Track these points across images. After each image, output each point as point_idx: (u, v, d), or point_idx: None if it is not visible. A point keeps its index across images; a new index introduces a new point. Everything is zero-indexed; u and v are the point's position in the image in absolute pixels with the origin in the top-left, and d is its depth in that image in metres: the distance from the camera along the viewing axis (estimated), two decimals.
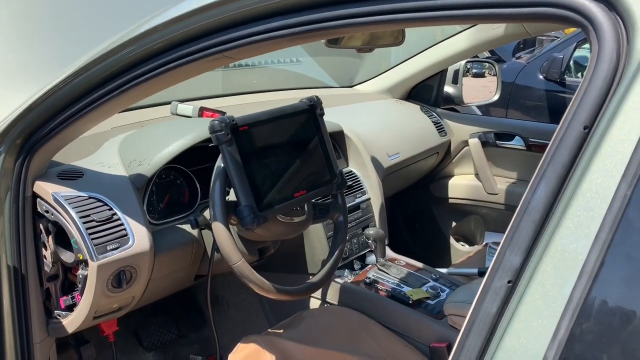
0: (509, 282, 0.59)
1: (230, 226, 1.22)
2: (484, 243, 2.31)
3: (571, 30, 4.71)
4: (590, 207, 0.51)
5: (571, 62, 4.52)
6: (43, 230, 1.30)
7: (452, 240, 2.57)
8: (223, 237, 1.18)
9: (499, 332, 0.59)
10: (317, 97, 1.38)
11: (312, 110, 1.35)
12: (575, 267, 0.50)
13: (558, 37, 5.37)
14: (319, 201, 1.45)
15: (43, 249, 1.33)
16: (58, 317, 1.36)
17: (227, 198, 1.23)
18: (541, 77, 4.49)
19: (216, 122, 1.16)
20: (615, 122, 0.52)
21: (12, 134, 1.21)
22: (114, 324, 1.55)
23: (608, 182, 0.50)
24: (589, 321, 0.49)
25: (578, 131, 0.56)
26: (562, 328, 0.50)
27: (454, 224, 2.58)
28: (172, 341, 1.94)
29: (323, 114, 1.38)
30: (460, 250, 2.54)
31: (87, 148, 1.45)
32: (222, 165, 1.19)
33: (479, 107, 3.02)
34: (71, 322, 1.32)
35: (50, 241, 1.30)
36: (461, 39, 2.21)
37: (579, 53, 4.64)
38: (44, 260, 1.33)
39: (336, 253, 1.43)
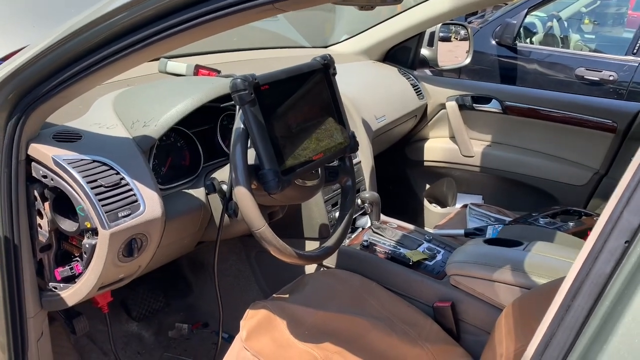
0: (625, 242, 0.58)
1: None
2: (461, 204, 2.36)
3: None
4: None
5: (521, 28, 4.63)
6: (38, 197, 1.20)
7: (425, 202, 2.61)
8: (247, 202, 1.13)
9: (613, 291, 0.59)
10: (329, 55, 1.33)
11: (326, 70, 1.31)
12: None
13: (506, 4, 5.48)
14: (328, 164, 1.42)
15: (37, 218, 1.23)
16: (54, 289, 1.27)
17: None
18: (494, 42, 4.57)
19: (239, 80, 1.09)
20: None
21: (5, 91, 1.09)
22: (108, 295, 1.48)
23: None
24: None
25: None
26: None
27: (427, 186, 2.62)
28: (159, 310, 1.88)
29: (335, 73, 1.34)
30: (433, 211, 2.59)
31: (76, 107, 1.33)
32: (243, 126, 1.13)
33: (434, 71, 3.04)
34: (73, 294, 1.24)
35: (47, 209, 1.20)
36: (443, 1, 2.20)
37: (529, 19, 4.75)
38: (39, 229, 1.23)
39: (346, 217, 1.41)
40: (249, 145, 1.15)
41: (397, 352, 1.36)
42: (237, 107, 1.14)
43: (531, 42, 4.87)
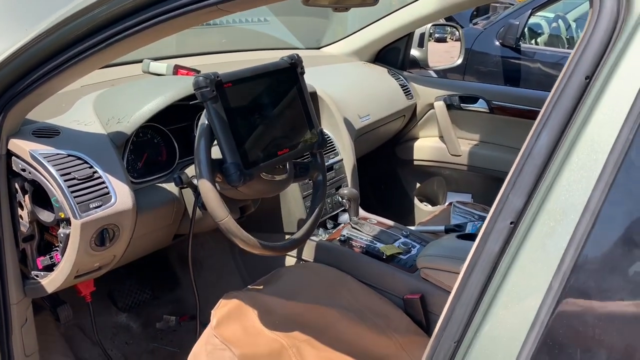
0: (511, 223, 0.63)
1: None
2: (447, 203, 2.40)
3: None
4: (593, 151, 0.56)
5: (526, 29, 4.63)
6: (19, 190, 1.27)
7: (416, 201, 2.64)
8: (210, 194, 1.19)
9: (502, 269, 0.63)
10: (297, 55, 1.38)
11: (294, 69, 1.36)
12: (579, 205, 0.55)
13: (512, 4, 5.48)
14: (299, 160, 1.47)
15: (19, 209, 1.30)
16: (36, 277, 1.34)
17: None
18: (497, 43, 4.58)
19: (201, 78, 1.16)
20: (617, 72, 0.56)
21: None
22: (91, 284, 1.54)
23: (610, 128, 0.55)
24: (592, 252, 0.54)
25: (579, 81, 0.60)
26: (567, 259, 0.54)
27: (418, 185, 2.65)
28: (146, 302, 1.95)
29: (304, 72, 1.39)
30: (423, 210, 2.62)
31: (60, 106, 1.41)
32: (207, 122, 1.19)
33: (437, 72, 3.08)
34: (51, 281, 1.31)
35: (26, 200, 1.27)
36: (429, 2, 2.24)
37: (533, 20, 4.75)
38: (20, 220, 1.30)
39: (316, 211, 1.46)
40: (214, 141, 1.21)
41: (365, 341, 1.40)
42: None
43: (536, 43, 4.87)
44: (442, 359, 0.65)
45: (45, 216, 1.27)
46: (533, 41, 4.88)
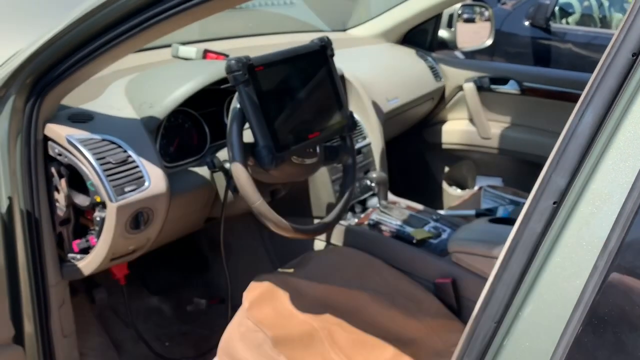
0: (554, 203, 0.62)
1: None
2: (477, 187, 2.37)
3: None
4: None
5: (556, 8, 4.52)
6: (55, 174, 1.30)
7: (444, 185, 2.62)
8: (243, 178, 1.19)
9: (544, 249, 0.62)
10: (327, 37, 1.37)
11: (323, 51, 1.35)
12: (626, 185, 0.54)
13: None
14: (328, 144, 1.47)
15: (55, 193, 1.33)
16: (72, 260, 1.38)
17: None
18: (527, 23, 4.48)
19: (233, 61, 1.16)
20: None
21: (22, 76, 1.19)
22: (125, 268, 1.58)
23: None
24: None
25: (626, 58, 0.58)
26: (613, 238, 0.53)
27: (446, 168, 2.62)
28: (177, 285, 1.98)
29: (333, 54, 1.38)
30: (452, 194, 2.60)
31: (92, 91, 1.43)
32: (239, 106, 1.19)
33: (465, 53, 3.02)
34: (88, 264, 1.34)
35: (63, 184, 1.30)
36: None
37: None
38: (57, 204, 1.33)
39: (346, 195, 1.46)
40: (245, 124, 1.21)
41: (396, 325, 1.40)
42: None
43: (567, 23, 4.74)
44: (481, 339, 0.65)
45: (81, 200, 1.30)
46: (564, 21, 4.76)
